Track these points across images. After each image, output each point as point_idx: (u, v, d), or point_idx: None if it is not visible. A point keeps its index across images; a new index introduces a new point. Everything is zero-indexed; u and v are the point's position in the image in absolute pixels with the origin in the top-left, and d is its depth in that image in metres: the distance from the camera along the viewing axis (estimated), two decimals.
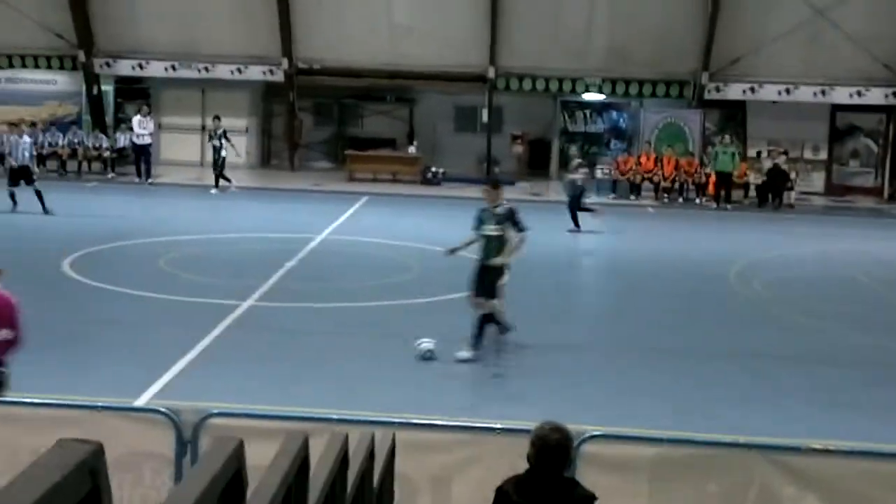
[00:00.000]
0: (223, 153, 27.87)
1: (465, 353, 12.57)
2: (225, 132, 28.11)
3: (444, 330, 14.09)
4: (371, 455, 5.56)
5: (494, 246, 12.91)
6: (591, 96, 32.49)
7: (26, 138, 23.29)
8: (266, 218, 24.02)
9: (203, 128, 33.19)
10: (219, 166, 27.87)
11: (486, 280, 12.89)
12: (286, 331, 13.57)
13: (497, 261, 12.84)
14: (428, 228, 22.87)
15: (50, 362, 11.60)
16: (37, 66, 32.73)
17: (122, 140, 31.51)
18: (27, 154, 22.84)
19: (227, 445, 2.47)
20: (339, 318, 14.65)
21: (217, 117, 28.74)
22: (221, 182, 27.92)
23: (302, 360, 12.57)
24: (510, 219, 12.86)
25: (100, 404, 7.49)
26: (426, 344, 12.46)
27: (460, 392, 11.34)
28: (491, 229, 12.94)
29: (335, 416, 7.29)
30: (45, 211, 22.24)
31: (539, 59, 30.75)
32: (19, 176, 22.70)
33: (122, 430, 7.28)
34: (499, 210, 12.92)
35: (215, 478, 2.22)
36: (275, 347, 12.80)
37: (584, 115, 33.74)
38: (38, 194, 22.36)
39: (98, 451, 1.80)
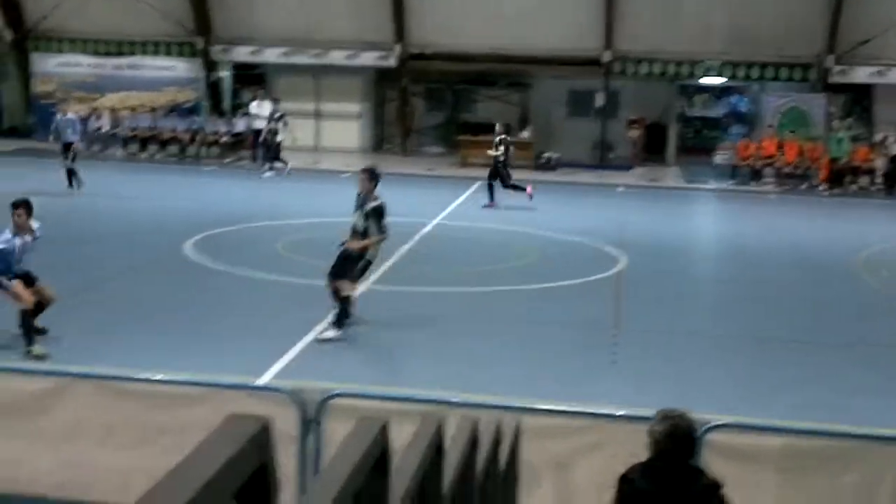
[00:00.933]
0: (279, 137, 28.06)
1: (329, 333, 12.33)
2: (283, 115, 28.36)
3: (561, 315, 14.01)
4: (498, 439, 5.52)
5: (356, 235, 12.59)
6: (711, 80, 31.86)
7: (70, 115, 23.77)
8: None
9: (317, 113, 33.57)
10: (273, 149, 28.05)
11: (346, 264, 12.53)
12: (402, 314, 13.59)
13: (353, 246, 12.50)
14: (541, 214, 22.74)
15: (173, 341, 11.87)
16: (157, 53, 33.48)
17: (240, 125, 32.05)
18: (69, 131, 23.29)
19: (373, 426, 2.47)
20: (454, 302, 14.65)
21: (276, 99, 28.91)
22: (277, 164, 28.10)
23: (418, 344, 12.59)
24: (374, 216, 12.47)
25: (226, 382, 7.60)
26: None
27: (577, 377, 11.20)
28: (355, 217, 12.62)
29: (457, 400, 7.25)
30: (71, 186, 22.74)
31: (657, 42, 30.27)
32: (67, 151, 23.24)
33: (246, 409, 7.34)
34: (368, 204, 12.49)
35: (363, 457, 2.22)
36: (391, 330, 12.84)
37: (703, 99, 33.12)
38: (70, 172, 22.86)
39: (266, 427, 1.80)
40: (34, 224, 11.53)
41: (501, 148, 23.75)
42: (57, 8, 32.69)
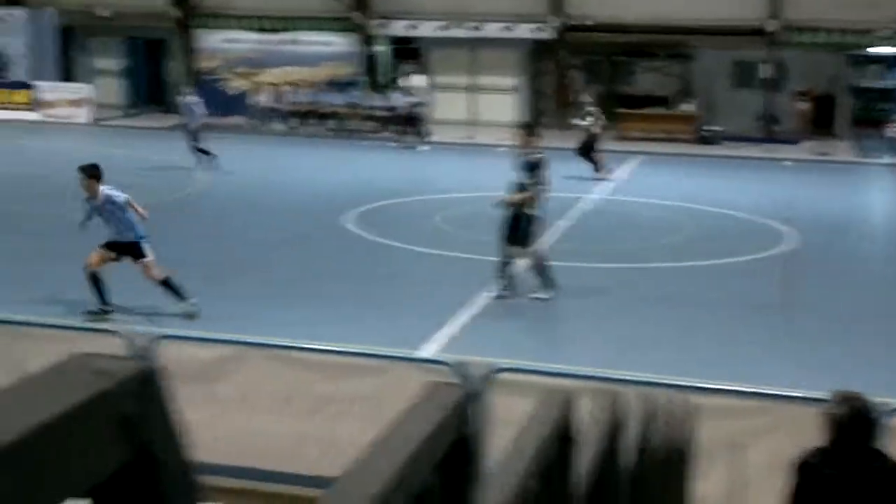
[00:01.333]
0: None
1: (541, 294, 12.53)
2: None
3: (726, 293, 13.62)
4: (673, 418, 5.37)
5: (520, 195, 12.57)
6: (883, 49, 30.44)
7: (188, 98, 24.11)
8: None
9: (472, 87, 33.49)
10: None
11: (518, 227, 12.54)
12: (562, 289, 13.40)
13: (512, 198, 12.52)
14: (704, 189, 22.17)
15: (334, 313, 12.02)
16: (316, 29, 33.93)
17: (396, 99, 32.22)
18: (187, 114, 23.63)
19: (558, 398, 2.48)
20: (614, 278, 14.41)
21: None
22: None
23: (577, 320, 12.45)
24: (532, 168, 12.47)
25: (392, 354, 7.61)
26: None
27: (742, 357, 10.85)
28: (517, 176, 12.64)
29: (629, 378, 7.10)
30: (201, 160, 22.82)
31: (825, 10, 29.07)
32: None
33: (409, 381, 7.37)
34: (527, 158, 12.59)
35: (551, 431, 2.22)
36: (550, 306, 12.71)
37: (875, 69, 31.68)
38: (200, 150, 23.01)
39: (467, 396, 1.78)
40: (103, 191, 11.55)
41: (588, 119, 23.38)
42: None
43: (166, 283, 11.59)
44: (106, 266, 11.65)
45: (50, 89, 32.96)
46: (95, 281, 11.48)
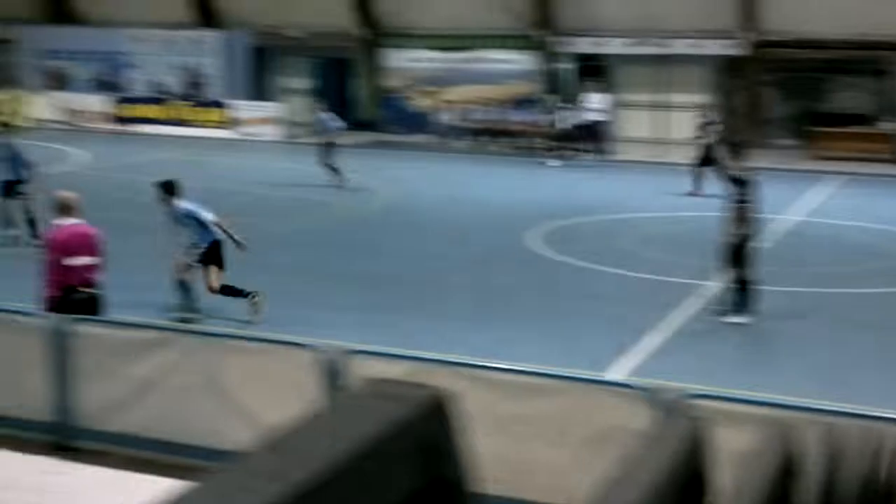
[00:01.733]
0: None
1: (735, 318, 12.15)
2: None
3: None
4: (888, 452, 4.97)
5: (727, 214, 12.41)
6: None
7: (322, 115, 24.00)
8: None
9: (658, 105, 32.87)
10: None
11: (734, 248, 12.28)
12: (759, 314, 12.83)
13: (727, 230, 12.33)
14: None
15: (518, 332, 11.85)
16: (498, 47, 33.99)
17: (580, 117, 31.88)
18: (326, 127, 23.45)
19: (781, 431, 2.52)
20: (813, 302, 13.74)
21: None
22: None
23: (773, 345, 11.90)
24: (740, 187, 12.27)
25: (579, 376, 7.38)
26: None
27: None
28: (726, 196, 12.54)
29: (826, 408, 6.66)
30: (339, 180, 22.62)
31: None
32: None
33: (595, 403, 7.14)
34: (734, 176, 12.55)
35: (778, 462, 2.20)
36: (747, 331, 12.20)
37: None
38: (331, 168, 22.77)
39: (701, 428, 1.65)
40: (178, 205, 12.12)
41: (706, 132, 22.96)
42: (405, 5, 33.95)
43: (182, 283, 12.11)
44: (220, 276, 12.18)
45: (242, 108, 34.15)
46: (226, 293, 12.13)
